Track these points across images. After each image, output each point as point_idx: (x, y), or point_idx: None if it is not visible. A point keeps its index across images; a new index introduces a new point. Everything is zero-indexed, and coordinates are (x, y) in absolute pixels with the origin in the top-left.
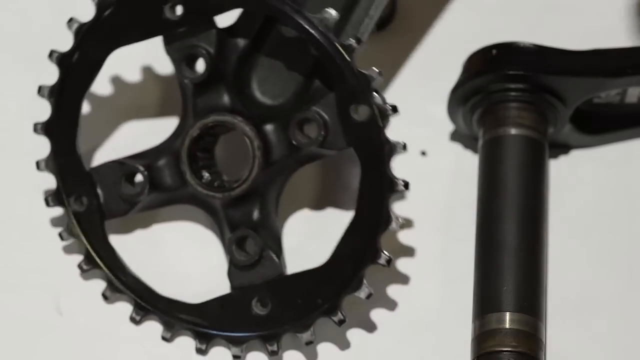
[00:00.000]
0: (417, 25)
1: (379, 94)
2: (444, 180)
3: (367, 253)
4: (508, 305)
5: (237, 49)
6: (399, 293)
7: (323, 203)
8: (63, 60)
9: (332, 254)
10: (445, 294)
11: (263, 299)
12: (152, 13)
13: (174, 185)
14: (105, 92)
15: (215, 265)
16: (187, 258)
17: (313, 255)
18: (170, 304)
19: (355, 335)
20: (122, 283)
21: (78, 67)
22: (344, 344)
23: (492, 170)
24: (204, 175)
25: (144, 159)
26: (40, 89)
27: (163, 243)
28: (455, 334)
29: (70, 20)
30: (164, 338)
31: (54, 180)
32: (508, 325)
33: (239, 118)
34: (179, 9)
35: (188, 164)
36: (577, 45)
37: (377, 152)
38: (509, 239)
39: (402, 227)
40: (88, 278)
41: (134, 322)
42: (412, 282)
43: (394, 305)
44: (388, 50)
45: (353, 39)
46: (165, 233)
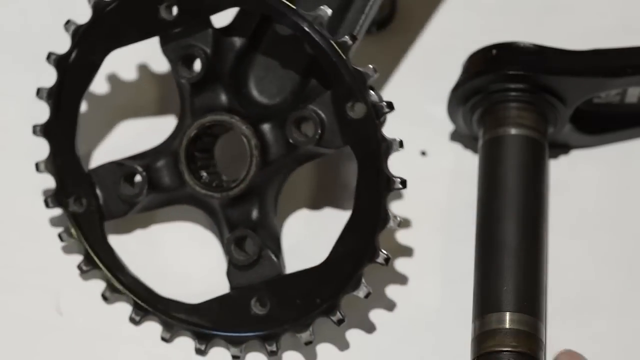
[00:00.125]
0: (417, 25)
1: (375, 91)
2: (444, 180)
3: (365, 252)
4: (508, 305)
5: (233, 49)
6: (399, 293)
7: (321, 202)
8: (61, 62)
9: (330, 253)
10: (445, 294)
11: (262, 299)
12: (148, 14)
13: (173, 186)
14: (104, 93)
15: (214, 266)
16: (186, 258)
17: (312, 255)
18: (170, 304)
19: (355, 336)
20: (121, 283)
21: (76, 68)
22: (343, 344)
23: (492, 170)
24: (203, 176)
25: (143, 160)
26: (39, 91)
27: (162, 243)
28: (455, 334)
29: (67, 23)
30: (164, 338)
31: (54, 182)
32: (508, 325)
33: (236, 117)
34: (175, 9)
35: (186, 164)
36: (577, 45)
37: (373, 149)
38: (509, 239)
39: (400, 225)
40: (88, 278)
41: (134, 322)
42: (412, 282)
43: (394, 306)
44: (388, 50)
45: (348, 36)
46: (165, 233)
